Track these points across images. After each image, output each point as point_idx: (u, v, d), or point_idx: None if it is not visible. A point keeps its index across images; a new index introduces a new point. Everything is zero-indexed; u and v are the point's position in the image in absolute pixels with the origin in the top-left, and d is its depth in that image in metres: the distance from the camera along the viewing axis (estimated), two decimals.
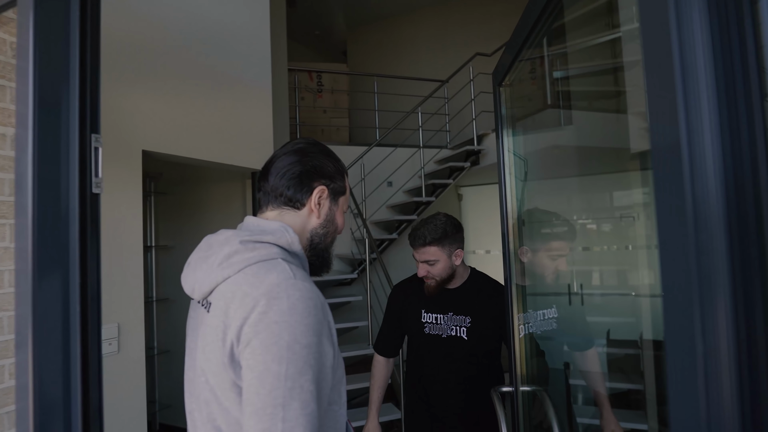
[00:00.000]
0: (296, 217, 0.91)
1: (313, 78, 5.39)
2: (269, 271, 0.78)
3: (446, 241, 1.58)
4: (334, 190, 0.94)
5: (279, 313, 0.72)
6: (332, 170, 0.94)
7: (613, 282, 1.72)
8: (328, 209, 0.93)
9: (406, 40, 6.89)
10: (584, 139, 4.01)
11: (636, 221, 4.34)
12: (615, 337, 1.67)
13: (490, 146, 4.80)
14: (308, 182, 0.91)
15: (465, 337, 1.60)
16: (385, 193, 4.99)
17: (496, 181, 5.74)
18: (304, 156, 0.92)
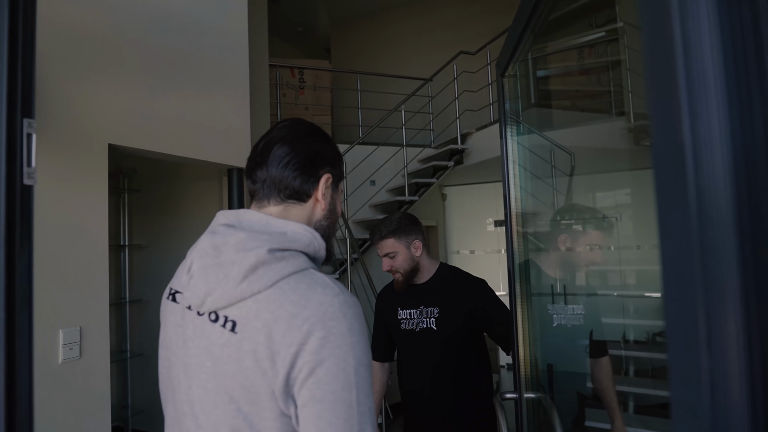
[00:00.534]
0: (302, 210, 0.82)
1: (295, 74, 5.29)
2: (311, 286, 0.70)
3: (402, 233, 1.68)
4: (335, 176, 0.86)
5: (340, 336, 0.67)
6: (332, 154, 0.86)
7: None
8: (331, 197, 0.86)
9: (390, 37, 6.83)
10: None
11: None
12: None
13: (474, 145, 4.77)
14: (314, 171, 0.82)
15: (434, 327, 1.67)
16: (367, 192, 4.91)
17: (480, 180, 5.74)
18: (305, 140, 0.82)
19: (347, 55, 6.89)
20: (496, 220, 6.74)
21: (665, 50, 0.40)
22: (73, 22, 1.93)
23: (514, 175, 1.22)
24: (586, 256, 1.55)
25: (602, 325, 1.66)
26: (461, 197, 6.83)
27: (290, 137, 0.82)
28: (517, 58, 1.14)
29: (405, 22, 6.77)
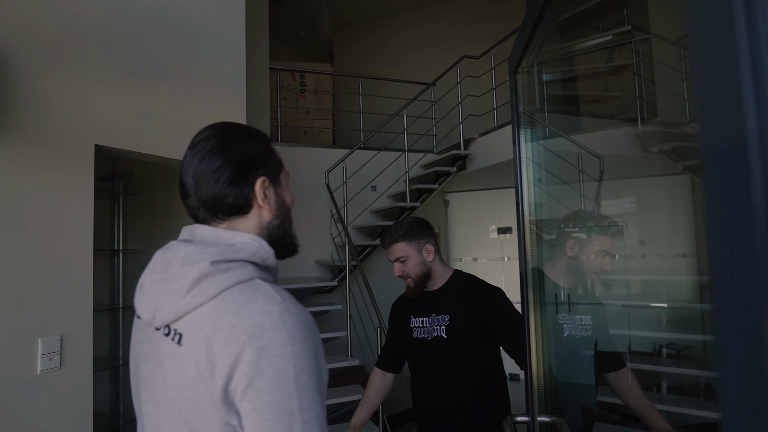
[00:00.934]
0: (248, 221, 0.80)
1: (296, 78, 5.23)
2: (253, 296, 0.70)
3: (413, 237, 1.65)
4: (272, 173, 0.82)
5: (279, 345, 0.66)
6: (262, 151, 0.81)
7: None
8: (275, 195, 0.82)
9: (393, 42, 6.77)
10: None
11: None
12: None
13: (477, 151, 4.68)
14: (245, 180, 0.78)
15: (444, 335, 1.62)
16: (368, 198, 4.83)
17: (483, 187, 5.64)
18: (226, 151, 0.77)
19: (350, 59, 6.84)
20: (500, 228, 6.65)
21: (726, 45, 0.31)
22: (59, 18, 1.86)
23: (528, 179, 1.13)
24: (593, 264, 1.46)
25: (611, 335, 1.57)
26: (464, 204, 6.73)
27: (211, 152, 0.77)
28: (530, 52, 1.06)
29: (408, 26, 6.72)
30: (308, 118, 5.21)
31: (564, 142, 4.10)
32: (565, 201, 4.51)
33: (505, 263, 6.55)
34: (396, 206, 4.51)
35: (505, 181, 5.92)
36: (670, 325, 4.76)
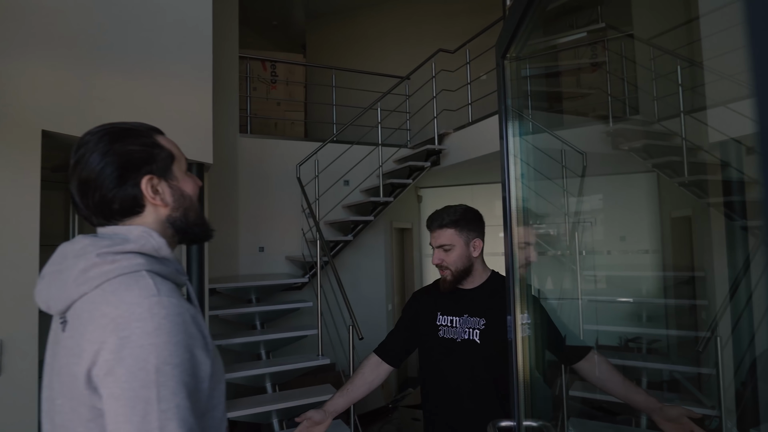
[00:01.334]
0: (144, 218, 0.82)
1: (267, 68, 5.06)
2: (129, 287, 0.72)
3: (464, 226, 1.52)
4: (160, 169, 0.82)
5: (143, 336, 0.68)
6: (141, 150, 0.81)
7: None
8: (169, 189, 0.83)
9: (367, 34, 6.66)
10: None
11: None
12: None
13: (451, 146, 4.64)
14: (129, 183, 0.79)
15: (477, 340, 1.48)
16: (340, 192, 4.73)
17: (457, 183, 5.59)
18: (105, 156, 0.78)
19: (323, 50, 6.69)
20: None
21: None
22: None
23: (516, 173, 1.06)
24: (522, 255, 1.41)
25: (557, 328, 1.52)
26: (437, 199, 6.70)
27: (89, 165, 0.78)
28: (520, 37, 0.99)
29: (383, 18, 6.62)
30: (279, 110, 5.06)
31: (545, 137, 4.10)
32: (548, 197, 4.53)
33: None
34: (369, 201, 4.42)
35: (478, 176, 5.91)
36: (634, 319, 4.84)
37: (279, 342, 3.53)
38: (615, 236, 5.81)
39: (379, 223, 5.01)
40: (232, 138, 4.37)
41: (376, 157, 4.79)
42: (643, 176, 5.16)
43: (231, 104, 4.33)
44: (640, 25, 4.32)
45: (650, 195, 5.40)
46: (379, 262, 5.14)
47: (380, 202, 4.41)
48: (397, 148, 4.98)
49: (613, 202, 5.66)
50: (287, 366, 3.22)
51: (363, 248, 4.98)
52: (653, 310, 4.83)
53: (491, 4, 5.80)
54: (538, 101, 4.29)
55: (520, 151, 1.08)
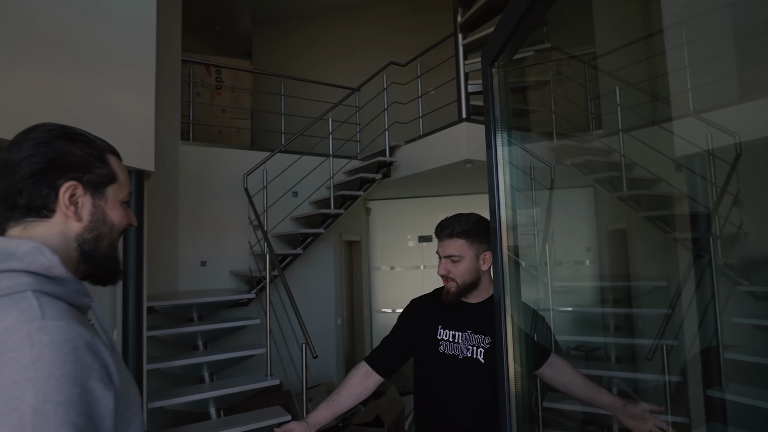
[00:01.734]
0: (49, 227, 0.72)
1: (212, 73, 4.83)
2: (7, 311, 0.61)
3: (476, 237, 1.42)
4: (91, 183, 0.75)
5: (18, 369, 0.56)
6: (81, 157, 0.74)
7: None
8: (92, 207, 0.75)
9: (317, 44, 6.58)
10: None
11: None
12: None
13: (402, 158, 4.63)
14: (47, 181, 0.71)
15: (481, 359, 1.39)
16: (288, 204, 4.57)
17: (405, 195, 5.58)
18: (35, 148, 0.71)
19: (269, 58, 6.52)
20: (420, 236, 6.68)
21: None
22: None
23: (505, 185, 1.02)
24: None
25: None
26: (385, 212, 6.69)
27: (18, 146, 0.71)
28: (513, 44, 0.95)
29: (332, 29, 6.58)
30: (224, 117, 4.83)
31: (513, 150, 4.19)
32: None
33: (421, 271, 6.58)
34: (319, 213, 4.30)
35: (427, 189, 5.96)
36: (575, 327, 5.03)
37: (224, 363, 3.30)
38: (557, 247, 6.05)
39: (328, 236, 4.89)
40: (173, 145, 4.11)
41: (326, 169, 4.69)
42: (583, 190, 5.41)
43: (172, 109, 4.08)
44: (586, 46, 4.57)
45: (589, 208, 5.68)
46: (329, 275, 5.00)
47: (331, 214, 4.30)
48: (348, 160, 4.91)
49: (556, 215, 5.90)
50: (234, 389, 3.01)
51: (312, 262, 4.83)
52: (592, 318, 5.04)
53: (439, 20, 5.92)
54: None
55: (509, 161, 1.04)
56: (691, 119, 3.54)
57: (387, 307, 6.58)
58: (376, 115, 4.94)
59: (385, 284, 6.69)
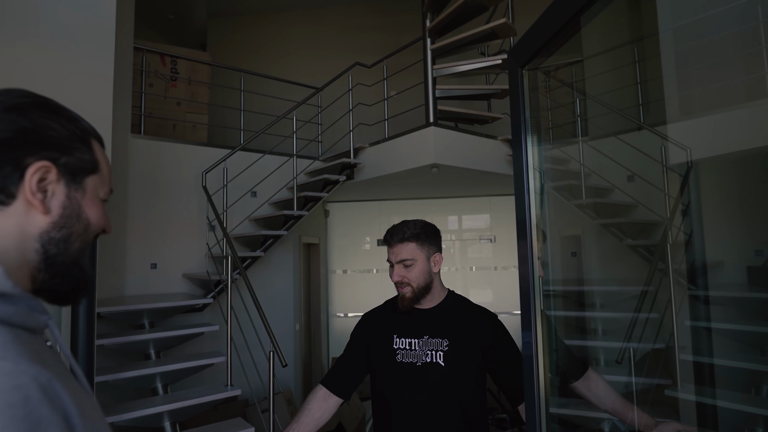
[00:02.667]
0: (4, 218, 0.54)
1: (167, 63, 4.55)
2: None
3: (426, 240, 1.46)
4: (69, 167, 0.58)
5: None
6: (61, 134, 0.58)
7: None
8: (66, 198, 0.58)
9: (277, 40, 6.39)
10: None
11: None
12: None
13: (366, 161, 4.57)
14: (12, 156, 0.54)
15: (441, 362, 1.39)
16: (246, 205, 4.38)
17: (365, 198, 5.55)
18: (9, 112, 0.55)
19: (226, 52, 6.25)
20: (379, 239, 6.63)
21: None
22: None
23: (535, 189, 0.98)
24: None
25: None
26: (344, 214, 6.59)
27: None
28: (549, 48, 0.90)
29: (292, 25, 6.41)
30: (179, 111, 4.56)
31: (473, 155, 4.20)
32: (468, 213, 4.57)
33: (374, 275, 6.53)
34: (281, 214, 4.15)
35: (388, 192, 5.92)
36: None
37: (179, 373, 3.08)
38: (513, 252, 6.20)
39: (288, 238, 4.73)
40: (122, 138, 3.81)
41: (287, 169, 4.54)
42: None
43: (123, 99, 3.79)
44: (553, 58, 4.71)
45: (542, 214, 5.87)
46: (288, 278, 4.84)
47: (294, 215, 4.16)
48: (311, 161, 4.78)
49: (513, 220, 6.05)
50: (191, 401, 2.81)
51: (271, 264, 4.65)
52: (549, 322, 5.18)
53: (405, 23, 5.93)
54: (458, 121, 4.42)
55: (539, 165, 1.01)
56: (645, 132, 3.72)
57: (341, 312, 6.48)
58: (341, 116, 4.85)
59: (342, 288, 6.58)
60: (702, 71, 3.31)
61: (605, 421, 3.18)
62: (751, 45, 2.90)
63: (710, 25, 3.13)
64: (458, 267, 6.36)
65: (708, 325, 2.92)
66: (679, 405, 2.85)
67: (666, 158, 3.36)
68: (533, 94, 1.03)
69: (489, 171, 4.33)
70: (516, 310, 6.21)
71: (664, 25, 3.55)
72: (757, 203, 2.73)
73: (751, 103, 2.87)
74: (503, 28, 3.71)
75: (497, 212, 6.24)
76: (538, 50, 0.92)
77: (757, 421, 2.44)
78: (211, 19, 6.39)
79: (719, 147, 2.98)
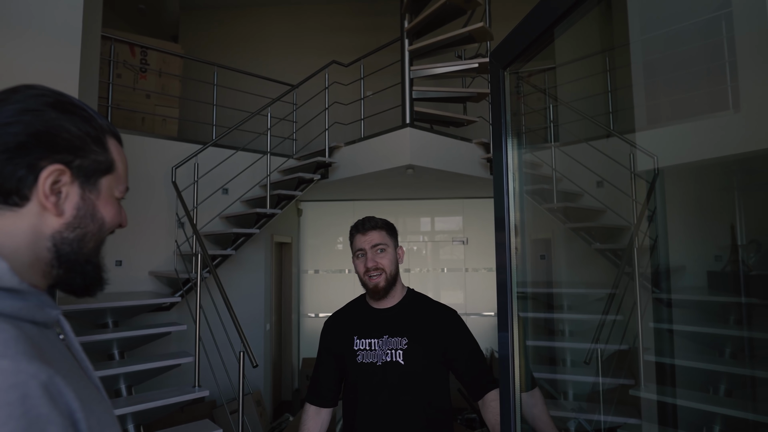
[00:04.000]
0: (18, 219, 0.55)
1: (136, 54, 4.40)
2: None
3: (392, 232, 1.54)
4: (83, 169, 0.59)
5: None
6: (76, 135, 0.59)
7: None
8: (79, 199, 0.59)
9: (251, 35, 6.29)
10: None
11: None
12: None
13: (341, 160, 4.54)
14: (26, 160, 0.55)
15: (401, 360, 1.40)
16: (217, 202, 4.28)
17: (339, 198, 5.53)
18: (18, 114, 0.55)
19: (199, 46, 6.10)
20: None
21: None
22: None
23: (514, 191, 0.98)
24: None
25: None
26: (317, 214, 6.53)
27: (6, 108, 0.55)
28: (531, 52, 0.91)
29: (267, 21, 6.32)
30: (149, 103, 4.42)
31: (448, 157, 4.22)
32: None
33: (346, 275, 6.50)
34: (253, 212, 4.07)
35: (362, 193, 5.90)
36: None
37: (144, 374, 2.98)
38: (484, 254, 6.28)
39: (259, 237, 4.65)
40: None
41: (260, 166, 4.47)
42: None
43: (90, 90, 3.64)
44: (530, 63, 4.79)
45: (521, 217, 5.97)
46: (259, 278, 4.76)
47: (267, 213, 4.09)
48: (285, 159, 4.72)
49: (487, 222, 6.12)
50: (157, 402, 2.72)
51: (242, 263, 4.56)
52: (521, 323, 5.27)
53: (383, 24, 5.92)
54: (434, 123, 4.44)
55: (519, 167, 1.01)
56: (615, 139, 3.83)
57: (312, 312, 6.42)
58: (316, 114, 4.81)
59: (314, 288, 6.52)
60: (669, 82, 3.43)
61: (571, 420, 3.25)
62: (716, 58, 3.03)
63: (678, 38, 3.26)
64: (430, 268, 6.39)
65: (670, 327, 3.03)
66: (641, 404, 2.94)
67: (634, 165, 3.46)
68: (512, 98, 1.04)
69: (464, 173, 4.37)
70: (486, 312, 6.30)
71: (634, 36, 3.67)
72: (718, 210, 2.85)
73: (715, 114, 2.99)
74: (480, 32, 3.76)
75: (470, 215, 6.31)
76: (521, 52, 0.93)
77: (714, 419, 2.55)
78: (185, 12, 6.23)
79: (684, 155, 3.10)
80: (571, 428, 3.33)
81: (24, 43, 2.01)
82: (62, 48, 2.14)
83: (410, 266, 6.29)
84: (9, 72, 1.90)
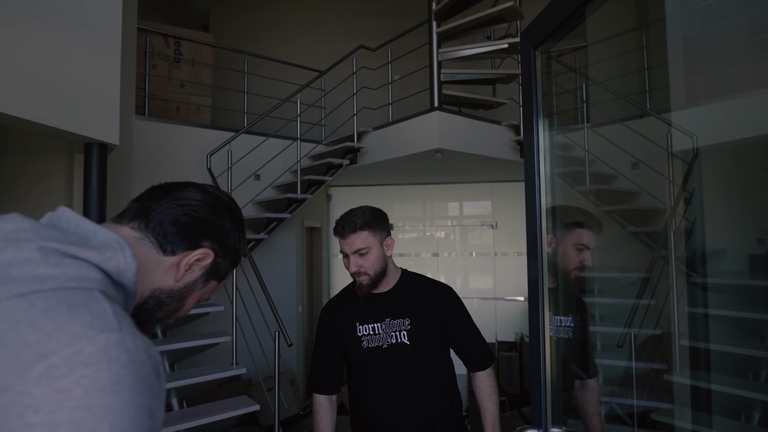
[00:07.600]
0: (156, 260, 0.65)
1: (170, 44, 4.52)
2: (74, 310, 0.48)
3: (377, 227, 1.46)
4: (214, 266, 0.70)
5: (92, 392, 0.44)
6: (230, 242, 0.71)
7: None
8: (192, 282, 0.69)
9: (280, 22, 6.33)
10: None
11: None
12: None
13: (369, 145, 4.57)
14: (197, 236, 0.67)
15: (407, 341, 1.43)
16: (249, 188, 4.39)
17: (367, 183, 5.54)
18: (215, 205, 0.70)
19: (228, 34, 6.19)
20: None
21: None
22: None
23: (546, 172, 0.99)
24: (571, 260, 1.42)
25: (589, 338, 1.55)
26: (347, 199, 6.60)
27: (204, 192, 0.71)
28: (562, 31, 0.91)
29: (297, 8, 6.34)
30: (183, 92, 4.54)
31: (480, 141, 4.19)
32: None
33: None
34: (284, 197, 4.16)
35: (390, 177, 5.93)
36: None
37: (185, 352, 3.13)
38: (513, 238, 6.23)
39: (291, 222, 4.75)
40: (128, 119, 3.81)
41: (291, 153, 4.54)
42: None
43: (128, 80, 3.77)
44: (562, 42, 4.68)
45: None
46: (291, 262, 4.88)
47: (297, 198, 4.17)
48: (315, 144, 4.78)
49: (516, 206, 6.06)
50: (198, 378, 2.86)
51: (274, 247, 4.69)
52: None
53: (410, 6, 5.86)
54: (462, 105, 4.40)
55: (550, 149, 1.02)
56: (651, 118, 3.71)
57: None
58: (345, 100, 4.83)
59: (344, 272, 6.63)
60: (708, 58, 3.29)
61: (602, 405, 3.24)
62: (758, 32, 2.88)
63: (717, 12, 3.11)
64: (458, 253, 6.39)
65: (707, 311, 2.96)
66: (674, 389, 2.90)
67: (671, 145, 3.36)
68: (543, 78, 1.04)
69: (493, 156, 4.33)
70: (515, 296, 6.27)
71: (671, 11, 3.53)
72: (761, 192, 2.74)
73: (757, 91, 2.86)
74: (510, 11, 3.68)
75: (499, 199, 6.25)
76: (552, 32, 0.93)
77: (755, 406, 2.49)
78: (214, 0, 6.32)
79: (724, 134, 2.99)
80: (602, 411, 3.32)
81: (67, 38, 2.10)
82: (104, 44, 2.23)
83: (438, 251, 6.31)
84: (53, 67, 2.00)
